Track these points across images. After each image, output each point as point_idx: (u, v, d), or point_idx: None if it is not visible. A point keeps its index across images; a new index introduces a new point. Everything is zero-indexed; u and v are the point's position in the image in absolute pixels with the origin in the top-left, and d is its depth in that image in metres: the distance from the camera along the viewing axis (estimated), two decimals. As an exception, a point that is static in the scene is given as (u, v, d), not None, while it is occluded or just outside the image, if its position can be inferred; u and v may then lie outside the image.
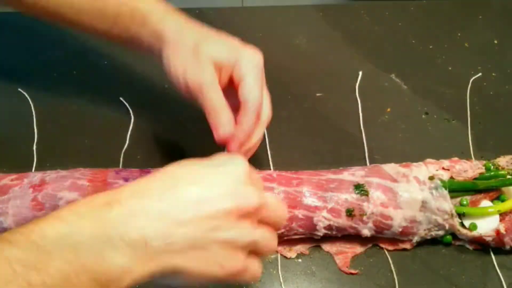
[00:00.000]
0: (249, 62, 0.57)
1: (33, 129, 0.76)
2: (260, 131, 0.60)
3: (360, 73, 0.83)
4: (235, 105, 0.58)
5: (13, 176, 0.64)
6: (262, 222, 0.46)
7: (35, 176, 0.63)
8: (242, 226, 0.43)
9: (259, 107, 0.57)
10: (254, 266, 0.46)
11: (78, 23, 0.64)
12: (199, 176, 0.44)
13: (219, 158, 0.47)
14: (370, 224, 0.62)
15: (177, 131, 0.76)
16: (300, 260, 0.65)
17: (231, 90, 0.58)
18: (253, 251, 0.45)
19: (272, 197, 0.49)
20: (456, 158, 0.68)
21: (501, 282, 0.62)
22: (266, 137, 0.75)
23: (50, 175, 0.63)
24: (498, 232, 0.62)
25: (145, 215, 0.41)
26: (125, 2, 0.61)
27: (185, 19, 0.61)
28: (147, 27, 0.60)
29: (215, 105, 0.56)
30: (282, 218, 0.49)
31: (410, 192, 0.62)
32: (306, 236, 0.64)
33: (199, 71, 0.56)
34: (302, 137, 0.76)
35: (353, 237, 0.64)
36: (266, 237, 0.46)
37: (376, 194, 0.62)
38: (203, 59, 0.56)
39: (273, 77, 0.83)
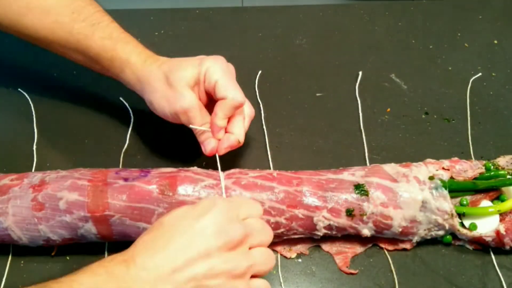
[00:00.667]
0: (214, 68, 0.63)
1: (33, 129, 0.76)
2: (241, 126, 0.65)
3: (360, 73, 0.83)
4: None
5: (13, 176, 0.64)
6: (254, 245, 0.52)
7: (35, 176, 0.63)
8: (235, 256, 0.50)
9: (240, 104, 0.63)
10: (259, 286, 0.52)
11: (65, 55, 0.70)
12: (189, 226, 0.50)
13: (203, 205, 0.52)
14: (370, 224, 0.62)
15: (177, 131, 0.76)
16: (300, 260, 0.65)
17: (212, 101, 0.65)
18: (254, 274, 0.52)
19: (254, 221, 0.54)
20: (456, 158, 0.68)
21: (501, 282, 0.62)
22: (266, 137, 0.75)
23: (50, 175, 0.63)
24: (498, 232, 0.62)
25: (154, 270, 0.47)
26: (105, 49, 0.66)
27: (155, 59, 0.66)
28: (125, 74, 0.67)
29: (201, 123, 0.64)
30: (268, 234, 0.55)
31: (410, 192, 0.62)
32: (306, 236, 0.64)
33: (179, 99, 0.62)
34: (302, 137, 0.76)
35: (353, 237, 0.64)
36: (262, 257, 0.52)
37: (376, 194, 0.62)
38: (178, 87, 0.62)
39: (273, 77, 0.84)
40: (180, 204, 0.60)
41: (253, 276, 0.52)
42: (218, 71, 0.63)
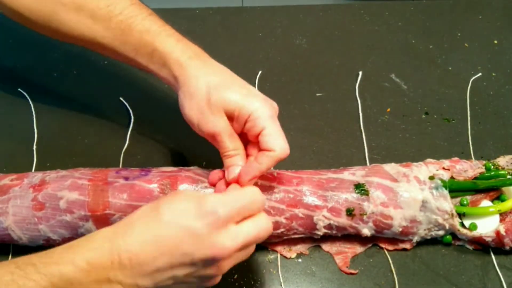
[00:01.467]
0: (264, 113, 0.57)
1: (33, 129, 0.76)
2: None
3: (360, 73, 0.83)
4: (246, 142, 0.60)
5: (13, 176, 0.64)
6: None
7: (35, 176, 0.63)
8: (219, 265, 0.49)
9: (285, 156, 0.58)
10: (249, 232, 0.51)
11: (102, 52, 0.66)
12: (185, 229, 0.49)
13: (205, 207, 0.50)
14: (370, 224, 0.62)
15: (177, 131, 0.76)
16: (300, 260, 0.65)
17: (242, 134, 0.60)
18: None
19: (250, 229, 0.51)
20: (456, 158, 0.68)
21: (501, 282, 0.62)
22: (266, 137, 0.75)
23: (50, 175, 0.63)
24: (498, 233, 0.62)
25: (137, 267, 0.48)
26: (145, 43, 0.61)
27: (202, 61, 0.61)
28: (164, 70, 0.61)
29: (228, 151, 0.59)
30: (265, 237, 0.53)
31: (410, 192, 0.62)
32: (306, 236, 0.64)
33: (212, 121, 0.57)
34: (302, 137, 0.76)
35: (353, 236, 0.64)
36: (247, 255, 0.52)
37: (376, 194, 0.62)
38: (215, 109, 0.57)
39: (273, 77, 0.84)
40: None
41: None
42: (267, 116, 0.57)
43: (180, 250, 0.48)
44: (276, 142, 0.57)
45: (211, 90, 0.57)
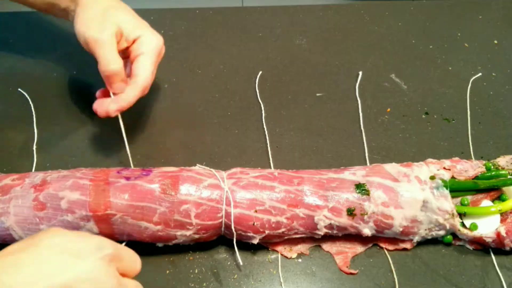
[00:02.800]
0: (149, 42, 0.65)
1: (33, 129, 0.76)
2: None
3: (360, 73, 0.83)
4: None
5: (14, 176, 0.64)
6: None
7: (36, 176, 0.63)
8: None
9: (147, 85, 0.66)
10: None
11: None
12: (62, 266, 0.45)
13: (85, 245, 0.47)
14: (371, 224, 0.62)
15: (177, 131, 0.76)
16: (300, 260, 0.65)
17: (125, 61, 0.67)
18: None
19: (134, 283, 0.50)
20: (457, 158, 0.69)
21: (501, 282, 0.62)
22: (267, 137, 0.75)
23: (52, 175, 0.63)
24: (498, 234, 0.62)
25: None
26: None
27: None
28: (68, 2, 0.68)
29: (108, 58, 0.63)
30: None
31: (411, 191, 0.62)
32: (306, 236, 0.64)
33: (100, 30, 0.63)
34: (302, 137, 0.76)
35: (353, 236, 0.65)
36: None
37: (377, 194, 0.62)
38: (107, 22, 0.63)
39: (273, 77, 0.84)
40: (182, 204, 0.60)
41: None
42: (151, 46, 0.65)
43: (60, 282, 0.44)
44: (143, 71, 0.64)
45: (110, 8, 0.64)
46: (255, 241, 0.62)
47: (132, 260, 0.51)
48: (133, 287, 0.50)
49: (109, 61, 0.63)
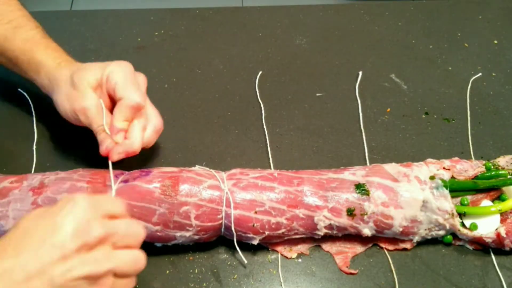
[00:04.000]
0: (117, 71, 0.63)
1: (33, 129, 0.76)
2: (139, 132, 0.63)
3: (360, 73, 0.83)
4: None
5: (13, 178, 0.64)
6: (119, 246, 0.49)
7: (34, 179, 0.63)
8: (95, 258, 0.46)
9: (137, 105, 0.62)
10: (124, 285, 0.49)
11: None
12: (44, 225, 0.47)
13: (61, 204, 0.49)
14: (371, 224, 0.62)
15: (177, 131, 0.76)
16: (300, 260, 0.65)
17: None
18: (119, 274, 0.48)
19: (120, 221, 0.50)
20: (457, 158, 0.69)
21: (501, 282, 0.62)
22: (267, 137, 0.75)
23: (49, 177, 0.63)
24: (498, 234, 0.62)
25: (6, 277, 0.44)
26: (24, 52, 0.68)
27: (70, 64, 0.67)
28: (40, 76, 0.68)
29: (99, 126, 0.63)
30: (137, 235, 0.51)
31: (411, 191, 0.62)
32: (306, 236, 0.64)
33: (81, 98, 0.63)
34: (302, 137, 0.76)
35: (353, 236, 0.64)
36: (126, 259, 0.49)
37: (377, 194, 0.62)
38: (80, 87, 0.63)
39: (273, 77, 0.84)
40: (182, 205, 0.60)
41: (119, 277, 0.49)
42: (120, 74, 0.63)
43: (47, 243, 0.45)
44: (125, 91, 0.62)
45: (73, 75, 0.64)
46: (255, 242, 0.62)
47: (115, 203, 0.51)
48: (117, 224, 0.49)
49: (100, 124, 0.63)
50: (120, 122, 0.62)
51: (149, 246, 0.62)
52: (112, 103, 0.65)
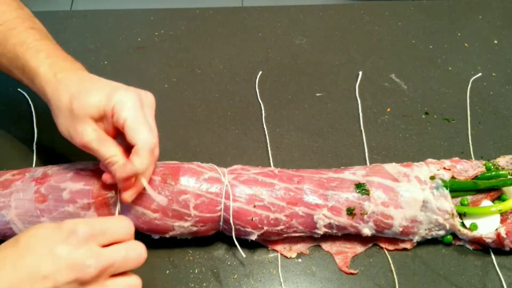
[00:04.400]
0: (125, 102, 0.56)
1: (33, 129, 0.76)
2: (150, 167, 0.59)
3: (360, 73, 0.83)
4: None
5: (15, 171, 0.65)
6: (116, 274, 0.49)
7: (36, 171, 0.64)
8: None
9: (152, 146, 0.57)
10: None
11: None
12: (42, 250, 0.46)
13: (62, 231, 0.48)
14: (371, 223, 0.62)
15: (177, 131, 0.76)
16: (300, 260, 0.65)
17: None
18: None
19: (123, 247, 0.49)
20: (457, 158, 0.69)
21: (501, 282, 0.62)
22: (267, 136, 0.75)
23: (52, 168, 0.64)
24: (498, 235, 0.62)
25: None
26: (18, 56, 0.61)
27: (67, 75, 0.59)
28: (34, 85, 0.61)
29: (105, 157, 0.57)
30: (138, 259, 0.50)
31: (411, 191, 0.62)
32: (306, 235, 0.64)
33: (80, 131, 0.56)
34: (302, 137, 0.76)
35: (353, 236, 0.64)
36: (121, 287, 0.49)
37: (377, 194, 0.62)
38: (80, 118, 0.56)
39: (273, 77, 0.84)
40: (182, 194, 0.60)
41: None
42: (129, 110, 0.56)
43: (41, 274, 0.45)
44: (137, 134, 0.55)
45: (73, 100, 0.56)
46: (254, 237, 0.62)
47: (120, 226, 0.50)
48: (115, 254, 0.49)
49: (105, 158, 0.57)
50: (142, 165, 0.56)
51: (149, 246, 0.62)
52: (116, 130, 0.59)
